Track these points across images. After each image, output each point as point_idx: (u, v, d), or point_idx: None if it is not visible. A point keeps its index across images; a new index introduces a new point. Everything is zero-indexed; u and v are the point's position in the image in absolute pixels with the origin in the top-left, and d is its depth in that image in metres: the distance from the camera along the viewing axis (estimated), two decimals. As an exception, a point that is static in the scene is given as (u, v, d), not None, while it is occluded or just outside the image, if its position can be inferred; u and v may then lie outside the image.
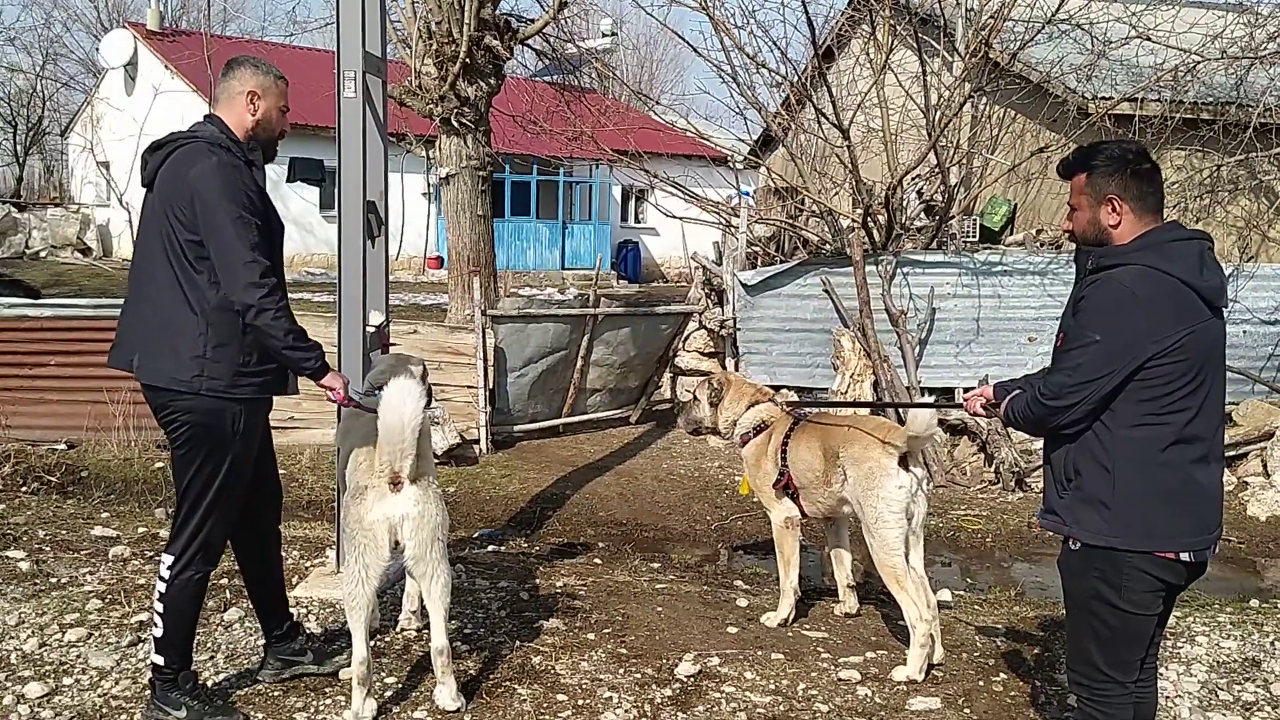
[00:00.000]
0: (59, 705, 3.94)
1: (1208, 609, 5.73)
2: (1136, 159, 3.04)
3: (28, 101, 35.45)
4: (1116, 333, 2.89)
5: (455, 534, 6.78)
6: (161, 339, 3.63)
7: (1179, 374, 2.90)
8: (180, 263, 3.61)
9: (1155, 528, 2.95)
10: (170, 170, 3.64)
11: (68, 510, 6.63)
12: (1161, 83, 10.45)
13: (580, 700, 4.18)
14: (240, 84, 3.79)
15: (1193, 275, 2.92)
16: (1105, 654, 3.07)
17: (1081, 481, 3.02)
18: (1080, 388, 2.94)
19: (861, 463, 4.74)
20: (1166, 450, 2.94)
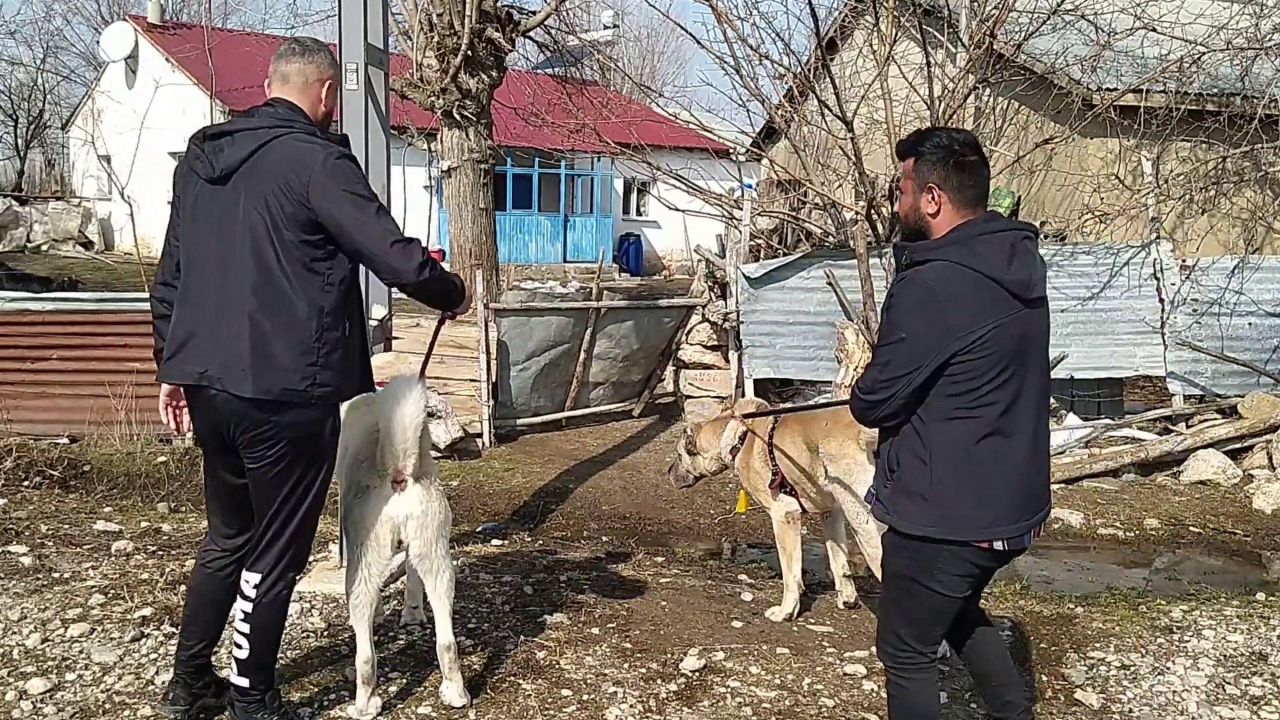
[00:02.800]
0: (61, 701, 3.92)
1: (1213, 603, 5.70)
2: (962, 150, 3.06)
3: (28, 95, 35.40)
4: (920, 330, 2.95)
5: (459, 528, 6.77)
6: (261, 347, 3.25)
7: (986, 368, 2.95)
8: (286, 262, 3.26)
9: (969, 519, 3.03)
10: (273, 164, 3.26)
11: (70, 505, 6.62)
12: (1166, 74, 10.41)
13: (585, 695, 4.16)
14: (319, 70, 3.48)
15: (998, 269, 2.96)
16: (911, 629, 3.21)
17: (901, 473, 3.10)
18: (889, 384, 3.01)
19: (838, 459, 4.81)
20: (980, 443, 3.00)
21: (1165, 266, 9.66)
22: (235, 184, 3.30)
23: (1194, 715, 4.30)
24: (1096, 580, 6.54)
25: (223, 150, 3.30)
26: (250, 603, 3.47)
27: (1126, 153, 11.31)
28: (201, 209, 3.36)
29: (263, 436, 3.33)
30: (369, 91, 5.35)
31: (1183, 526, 7.55)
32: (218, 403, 3.32)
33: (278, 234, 3.27)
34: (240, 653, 3.51)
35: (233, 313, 3.28)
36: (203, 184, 3.34)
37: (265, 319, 3.27)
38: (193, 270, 3.38)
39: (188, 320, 3.36)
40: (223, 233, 3.31)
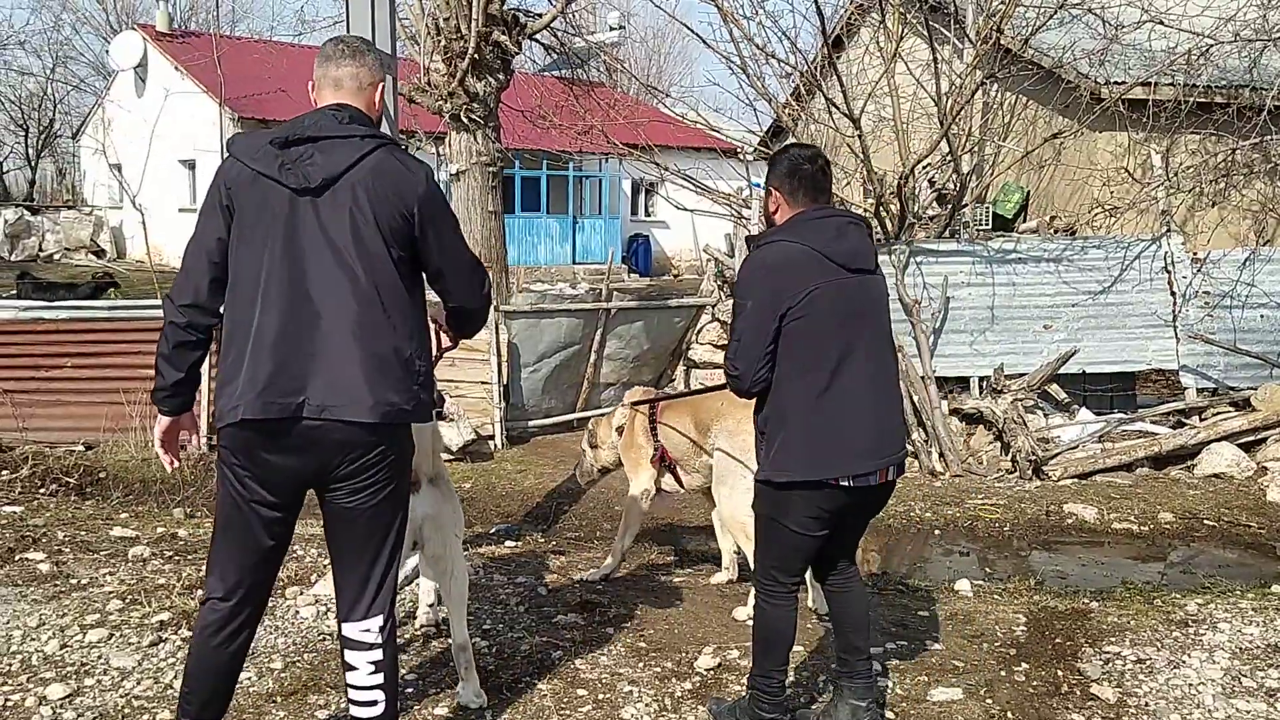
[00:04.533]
0: (81, 706, 3.95)
1: (1228, 596, 5.69)
2: (800, 162, 3.63)
3: (39, 105, 35.62)
4: (758, 295, 3.48)
5: (472, 530, 6.79)
6: (376, 367, 3.00)
7: (818, 327, 3.45)
8: (390, 278, 3.04)
9: (820, 462, 3.50)
10: (382, 175, 3.01)
11: (86, 511, 6.66)
12: (1174, 67, 10.37)
13: (600, 695, 4.18)
14: (371, 73, 3.24)
15: (821, 244, 3.49)
16: (775, 562, 3.70)
17: (768, 431, 3.58)
18: (747, 350, 3.50)
19: (735, 435, 5.10)
20: (823, 395, 3.48)
21: (1176, 260, 9.65)
22: (336, 194, 3.00)
23: (1210, 708, 4.28)
24: (1111, 575, 6.53)
25: (312, 157, 3.00)
26: (379, 649, 3.19)
27: (1135, 146, 11.27)
28: (279, 221, 3.00)
29: (370, 464, 3.07)
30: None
31: (1197, 520, 7.53)
32: (319, 433, 2.99)
33: (389, 250, 3.03)
34: (374, 710, 3.19)
35: (336, 334, 2.98)
36: (282, 193, 2.99)
37: (375, 338, 3.01)
38: (267, 288, 2.99)
39: (269, 344, 2.97)
40: (314, 246, 3.00)
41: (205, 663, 3.20)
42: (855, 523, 3.86)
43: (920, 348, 9.23)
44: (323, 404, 2.96)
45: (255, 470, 3.06)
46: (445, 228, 3.15)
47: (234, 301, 3.05)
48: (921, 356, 9.23)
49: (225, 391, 3.01)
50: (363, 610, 3.19)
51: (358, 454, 3.04)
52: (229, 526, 3.16)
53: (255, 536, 3.14)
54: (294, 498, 3.15)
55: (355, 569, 3.19)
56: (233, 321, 3.04)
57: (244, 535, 3.14)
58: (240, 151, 3.07)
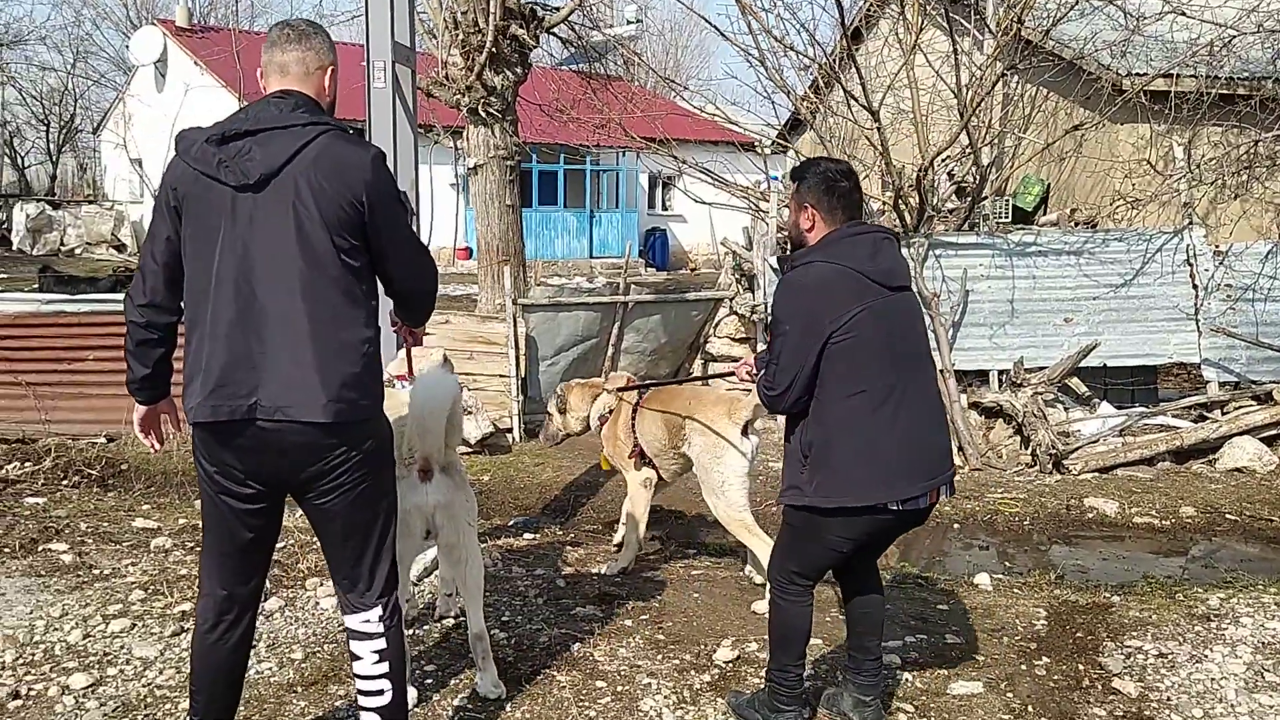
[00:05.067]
0: (104, 695, 3.98)
1: (1251, 590, 5.65)
2: (836, 178, 3.59)
3: (60, 100, 35.87)
4: (799, 319, 3.45)
5: (491, 522, 6.81)
6: (329, 365, 2.93)
7: (864, 348, 3.41)
8: (340, 271, 2.96)
9: (866, 486, 3.45)
10: (323, 165, 2.92)
11: (109, 503, 6.70)
12: (1196, 58, 10.28)
13: (619, 687, 4.18)
14: (319, 57, 3.12)
15: (861, 263, 3.45)
16: (796, 568, 3.70)
17: (813, 454, 3.51)
18: (787, 372, 3.46)
19: (707, 433, 5.19)
20: (872, 415, 3.44)
21: (1198, 252, 9.57)
22: (277, 189, 2.91)
23: (1233, 703, 4.26)
24: (1132, 569, 6.49)
25: (250, 152, 2.91)
26: (382, 638, 3.16)
27: (1157, 138, 11.18)
28: (223, 219, 2.92)
29: (334, 465, 3.01)
30: (396, 89, 5.39)
31: (1219, 514, 7.48)
32: (274, 436, 2.93)
33: (335, 241, 2.94)
34: (381, 700, 3.17)
35: (286, 332, 2.92)
36: (224, 191, 2.91)
37: (327, 335, 2.94)
38: (216, 288, 2.93)
39: (219, 346, 2.93)
40: (257, 244, 2.92)
41: (205, 660, 3.20)
42: (891, 537, 3.85)
43: (939, 341, 9.18)
44: (275, 404, 2.91)
45: (219, 468, 3.04)
46: (393, 212, 3.06)
47: (189, 301, 3.03)
48: (940, 350, 9.19)
49: (187, 391, 3.00)
50: (359, 603, 3.17)
51: (317, 455, 2.98)
52: (211, 526, 3.16)
53: (232, 530, 3.11)
54: (265, 495, 3.09)
55: (344, 565, 3.17)
56: (189, 321, 3.02)
57: (222, 529, 3.13)
58: (184, 151, 2.99)
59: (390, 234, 3.07)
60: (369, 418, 3.08)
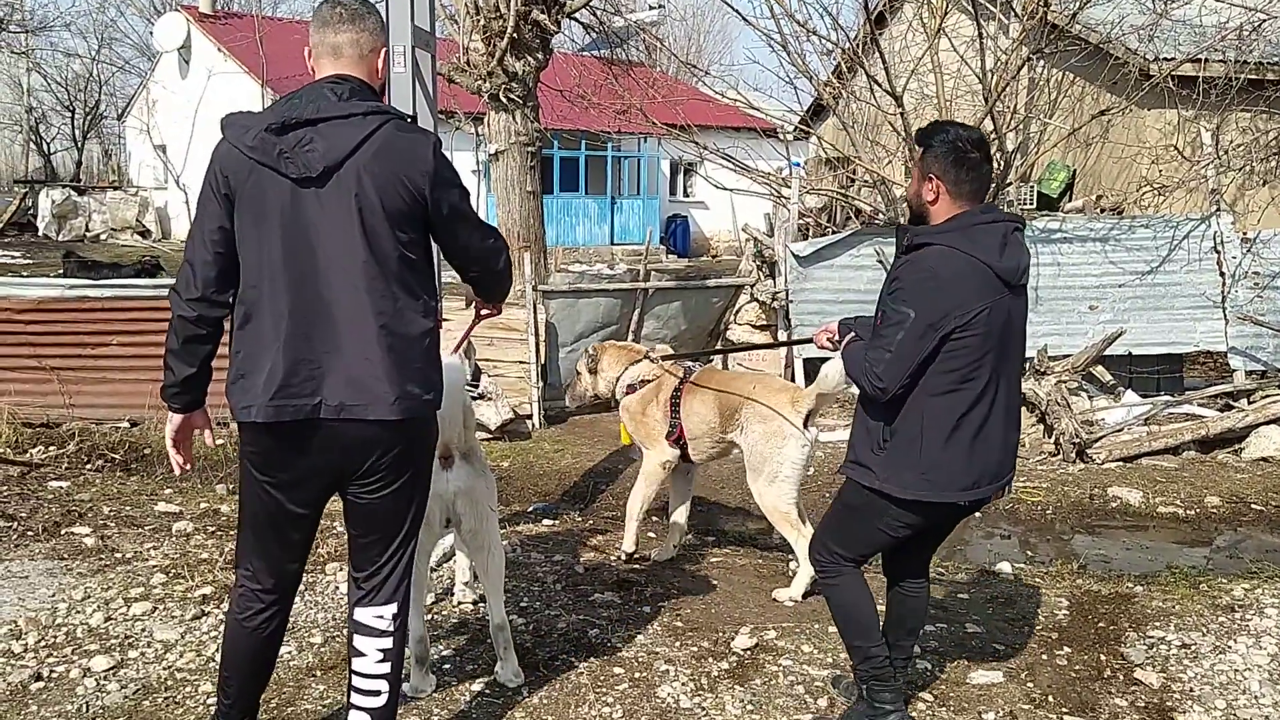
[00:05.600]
0: (125, 678, 4.01)
1: (1276, 581, 5.58)
2: (966, 148, 3.33)
3: (85, 86, 36.07)
4: (925, 308, 3.23)
5: (510, 508, 6.82)
6: (398, 363, 2.89)
7: (975, 346, 3.26)
8: (405, 265, 2.91)
9: (952, 482, 3.37)
10: (387, 157, 2.85)
11: (131, 487, 6.74)
12: (1225, 42, 10.14)
13: (637, 673, 4.17)
14: (373, 38, 3.01)
15: (991, 256, 3.24)
16: (843, 547, 3.60)
17: (895, 444, 3.38)
18: (901, 362, 3.26)
19: (769, 419, 5.03)
20: (965, 415, 3.33)
21: (1226, 239, 9.46)
22: (340, 182, 2.82)
23: (1256, 694, 4.21)
24: (1156, 559, 6.43)
25: (312, 143, 2.81)
26: (389, 637, 3.12)
27: (1185, 124, 11.05)
28: (282, 212, 2.83)
29: (392, 462, 2.96)
30: (416, 74, 5.36)
31: (1244, 504, 7.40)
32: (340, 434, 2.88)
33: (398, 235, 2.88)
34: (377, 701, 3.11)
35: (351, 329, 2.85)
36: (283, 183, 2.82)
37: (395, 331, 2.89)
38: (273, 284, 2.84)
39: (281, 344, 2.84)
40: (319, 238, 2.84)
41: (240, 646, 3.17)
42: (947, 530, 3.77)
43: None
44: (341, 403, 2.86)
45: (274, 469, 2.97)
46: (457, 202, 3.00)
47: (242, 294, 2.91)
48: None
49: (237, 388, 2.90)
50: (379, 596, 3.13)
51: (380, 452, 2.95)
52: (255, 519, 3.09)
53: (280, 528, 3.07)
54: (317, 494, 3.06)
55: (374, 557, 3.13)
56: (241, 314, 2.91)
57: (269, 528, 3.07)
58: (236, 137, 2.88)
59: (455, 221, 3.01)
60: (429, 413, 3.06)
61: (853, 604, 3.63)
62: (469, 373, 4.51)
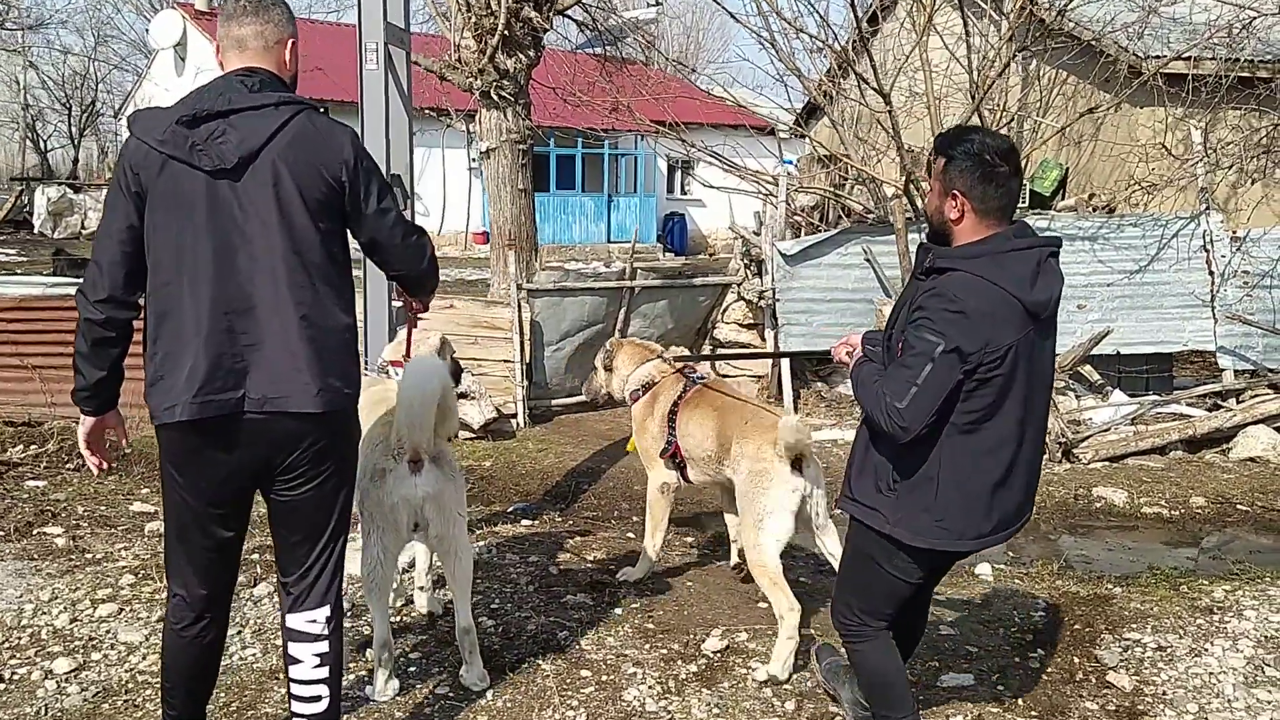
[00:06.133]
0: (85, 680, 3.98)
1: (1258, 582, 5.54)
2: (994, 160, 2.99)
3: (81, 84, 36.05)
4: (955, 341, 2.92)
5: (490, 509, 6.78)
6: (320, 355, 2.87)
7: (1001, 386, 2.99)
8: (324, 258, 2.89)
9: (970, 529, 3.11)
10: (302, 147, 2.83)
11: (108, 487, 6.70)
12: (1215, 39, 10.10)
13: (604, 676, 4.14)
14: (278, 30, 2.97)
15: (1022, 289, 2.95)
16: (864, 604, 3.36)
17: (907, 485, 3.10)
18: (925, 398, 2.95)
19: (756, 460, 4.47)
20: (987, 456, 3.05)
21: (1215, 238, 9.42)
22: (256, 173, 2.79)
23: (1230, 698, 4.18)
24: (1138, 560, 6.39)
25: (225, 135, 2.78)
26: (324, 641, 3.07)
27: (1176, 122, 11.01)
28: (196, 206, 2.79)
29: (315, 456, 2.93)
30: (390, 71, 5.33)
31: (1230, 505, 7.36)
32: (263, 428, 2.85)
33: (316, 226, 2.85)
34: (318, 706, 3.06)
35: (273, 322, 2.82)
36: (197, 176, 2.78)
37: (316, 323, 2.86)
38: (191, 280, 2.80)
39: (201, 341, 2.79)
40: (237, 231, 2.80)
41: (180, 656, 3.11)
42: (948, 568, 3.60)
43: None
44: (264, 396, 2.82)
45: (197, 470, 2.91)
46: (376, 193, 2.97)
47: (155, 293, 2.85)
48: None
49: (157, 389, 2.84)
50: (310, 600, 3.08)
51: (304, 445, 2.91)
52: (181, 526, 3.02)
53: (209, 531, 3.00)
54: (239, 493, 3.01)
55: (301, 558, 3.07)
56: (156, 314, 2.86)
57: (197, 533, 3.00)
58: (144, 132, 2.82)
59: (373, 214, 2.98)
60: (351, 406, 3.03)
61: (882, 671, 3.40)
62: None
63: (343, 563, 3.17)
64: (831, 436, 8.81)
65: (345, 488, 3.11)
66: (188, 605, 3.06)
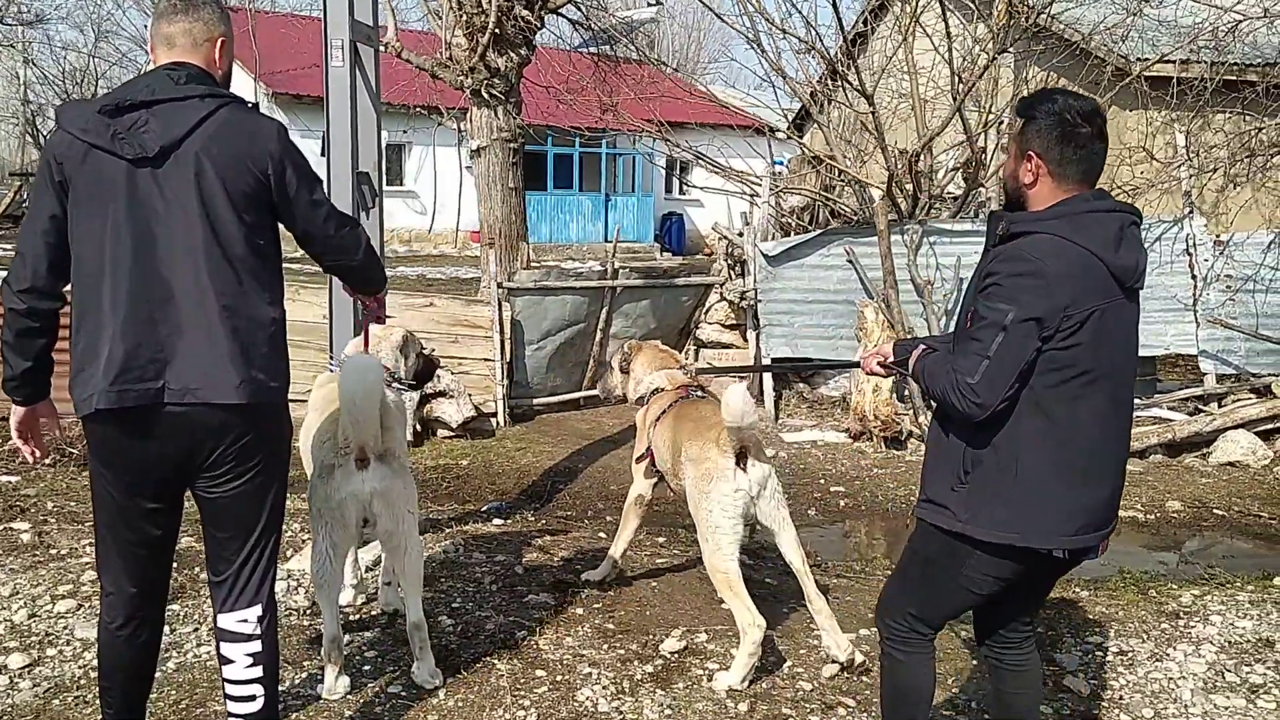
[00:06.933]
0: (38, 676, 3.98)
1: (1227, 587, 5.55)
2: (1075, 120, 2.75)
3: (81, 79, 36.06)
4: (1028, 309, 2.65)
5: (464, 507, 6.78)
6: (241, 346, 2.84)
7: (1083, 357, 2.70)
8: (248, 249, 2.87)
9: (1055, 528, 2.78)
10: (226, 138, 2.83)
11: (81, 482, 6.70)
12: (1202, 42, 10.08)
13: (558, 676, 4.14)
14: (207, 28, 2.97)
15: (1107, 250, 2.69)
16: (920, 609, 3.03)
17: (980, 474, 2.81)
18: (1001, 371, 2.68)
19: (699, 463, 4.30)
20: (1067, 442, 2.75)
21: (1198, 242, 9.40)
22: (178, 162, 2.78)
23: (1187, 703, 4.18)
24: (1109, 563, 6.35)
25: (148, 124, 2.78)
26: (257, 640, 3.02)
27: (1164, 126, 10.99)
28: (117, 194, 2.78)
29: (240, 451, 2.91)
30: (359, 69, 5.33)
31: (1206, 509, 7.36)
32: (183, 420, 2.82)
33: (242, 218, 2.84)
34: (252, 706, 3.03)
35: (193, 312, 2.80)
36: (118, 165, 2.78)
37: (237, 314, 2.84)
38: (113, 269, 2.78)
39: (120, 330, 2.77)
40: (158, 220, 2.79)
41: (114, 655, 3.08)
42: (1048, 584, 3.16)
43: (931, 329, 9.08)
44: (185, 387, 2.79)
45: (121, 462, 2.88)
46: (304, 185, 2.96)
47: (78, 283, 2.83)
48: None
49: (79, 380, 2.81)
50: (239, 599, 3.03)
51: (229, 440, 2.88)
52: (109, 521, 2.99)
53: (138, 528, 2.97)
54: (165, 487, 2.96)
55: (231, 556, 3.03)
56: (79, 304, 2.83)
57: (124, 528, 2.97)
58: (69, 122, 2.82)
59: (301, 207, 2.97)
60: (278, 400, 2.99)
61: (913, 689, 3.12)
62: (399, 371, 4.46)
63: (275, 561, 3.12)
64: (811, 438, 8.81)
65: (275, 485, 3.07)
66: (119, 604, 3.04)
